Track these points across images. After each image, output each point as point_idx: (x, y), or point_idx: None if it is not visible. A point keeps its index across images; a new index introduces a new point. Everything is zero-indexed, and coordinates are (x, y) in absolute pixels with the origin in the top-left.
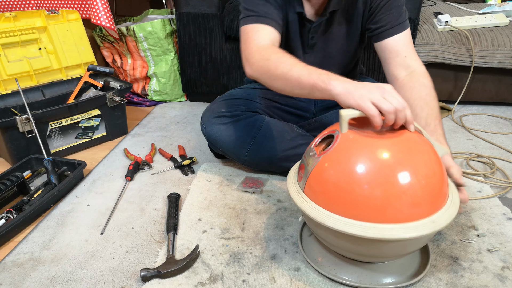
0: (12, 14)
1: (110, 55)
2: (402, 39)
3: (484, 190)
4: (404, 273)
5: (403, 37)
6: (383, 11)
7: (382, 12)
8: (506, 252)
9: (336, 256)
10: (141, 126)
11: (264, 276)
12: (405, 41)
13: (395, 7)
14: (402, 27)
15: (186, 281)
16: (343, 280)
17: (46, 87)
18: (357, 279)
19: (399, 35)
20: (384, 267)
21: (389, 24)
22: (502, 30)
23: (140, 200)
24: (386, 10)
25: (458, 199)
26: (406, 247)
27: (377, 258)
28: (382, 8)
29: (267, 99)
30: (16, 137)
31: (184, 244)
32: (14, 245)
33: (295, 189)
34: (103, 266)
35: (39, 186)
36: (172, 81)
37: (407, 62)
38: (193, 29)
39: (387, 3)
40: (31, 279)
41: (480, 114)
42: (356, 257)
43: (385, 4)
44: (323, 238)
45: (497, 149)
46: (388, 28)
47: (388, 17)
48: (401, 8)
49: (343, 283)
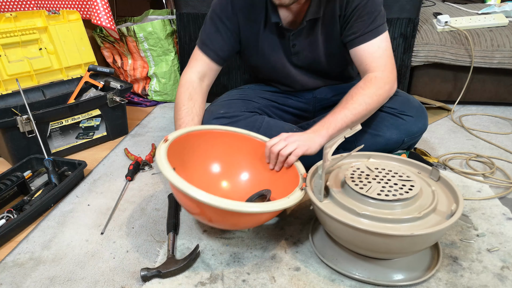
0: (13, 14)
1: (110, 55)
2: (374, 47)
3: (484, 190)
4: (414, 270)
5: (374, 45)
6: (355, 17)
7: (355, 19)
8: (506, 252)
9: (346, 252)
10: (141, 126)
11: (264, 276)
12: (377, 48)
13: (367, 14)
14: (374, 34)
15: (186, 281)
16: (353, 275)
17: (47, 87)
18: (367, 274)
19: (368, 43)
20: (394, 264)
21: (360, 31)
22: (502, 31)
23: (140, 200)
24: (358, 17)
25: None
26: (413, 244)
27: (385, 254)
28: (355, 15)
29: (265, 99)
30: (17, 137)
31: (185, 243)
32: (14, 245)
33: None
34: (104, 266)
35: (40, 186)
36: (172, 81)
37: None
38: (193, 29)
39: (359, 10)
40: (31, 279)
41: (479, 114)
42: (365, 252)
43: (357, 11)
44: (332, 232)
45: (497, 149)
46: (358, 35)
47: (360, 24)
48: (373, 14)
49: (353, 277)
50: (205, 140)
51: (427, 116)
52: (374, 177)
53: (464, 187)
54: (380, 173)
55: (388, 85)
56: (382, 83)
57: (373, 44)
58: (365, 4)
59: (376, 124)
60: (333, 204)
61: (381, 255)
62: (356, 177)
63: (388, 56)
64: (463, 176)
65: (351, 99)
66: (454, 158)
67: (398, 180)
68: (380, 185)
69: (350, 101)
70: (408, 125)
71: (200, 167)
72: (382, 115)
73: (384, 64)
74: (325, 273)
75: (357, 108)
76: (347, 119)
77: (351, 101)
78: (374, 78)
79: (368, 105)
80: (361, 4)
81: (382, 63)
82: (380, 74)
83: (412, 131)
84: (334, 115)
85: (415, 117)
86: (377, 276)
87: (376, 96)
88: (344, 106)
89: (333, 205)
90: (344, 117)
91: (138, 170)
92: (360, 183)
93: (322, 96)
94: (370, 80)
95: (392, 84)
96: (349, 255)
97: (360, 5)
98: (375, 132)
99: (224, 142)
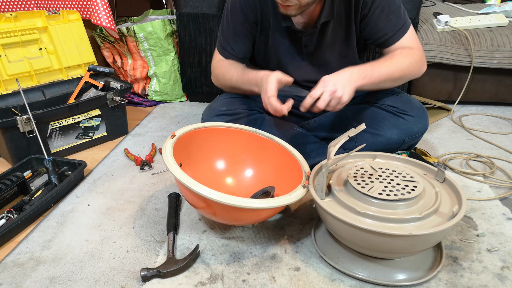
0: (13, 14)
1: (110, 55)
2: (407, 40)
3: (484, 190)
4: (415, 270)
5: (407, 38)
6: (381, 19)
7: (381, 21)
8: (506, 252)
9: (348, 250)
10: (141, 126)
11: (264, 276)
12: (409, 40)
13: (392, 13)
14: (404, 30)
15: (186, 281)
16: (354, 274)
17: (47, 87)
18: (367, 274)
19: (402, 38)
20: (395, 264)
21: (391, 32)
22: (502, 30)
23: (140, 200)
24: (384, 18)
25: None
26: (416, 243)
27: (385, 253)
28: (379, 17)
29: None
30: (17, 137)
31: (185, 243)
32: (14, 245)
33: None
34: (104, 266)
35: (40, 186)
36: (172, 81)
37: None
38: (193, 29)
39: (382, 11)
40: (31, 279)
41: (479, 114)
42: (365, 252)
43: (380, 12)
44: (333, 230)
45: (497, 149)
46: (390, 35)
47: (388, 25)
48: (398, 12)
49: (353, 276)
50: (211, 137)
51: (427, 117)
52: (377, 177)
53: (464, 187)
54: (384, 173)
55: (422, 62)
56: (418, 58)
57: (408, 35)
58: (386, 3)
59: (376, 123)
60: (334, 203)
61: (382, 254)
62: (359, 176)
63: (418, 41)
64: (463, 176)
65: (390, 60)
66: (454, 158)
67: (401, 180)
68: (383, 185)
69: (389, 60)
70: (409, 125)
71: (206, 163)
72: (383, 114)
73: (418, 46)
74: (325, 273)
75: (394, 69)
76: (381, 76)
77: (390, 61)
78: (414, 50)
79: (402, 71)
80: (382, 4)
81: (417, 45)
82: (417, 51)
83: (412, 131)
84: (373, 67)
85: (416, 117)
86: (377, 276)
87: (411, 65)
88: (383, 63)
89: (334, 203)
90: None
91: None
92: (362, 182)
93: None
94: (409, 51)
95: (424, 62)
96: (350, 254)
97: (381, 5)
98: (375, 131)
99: (230, 139)
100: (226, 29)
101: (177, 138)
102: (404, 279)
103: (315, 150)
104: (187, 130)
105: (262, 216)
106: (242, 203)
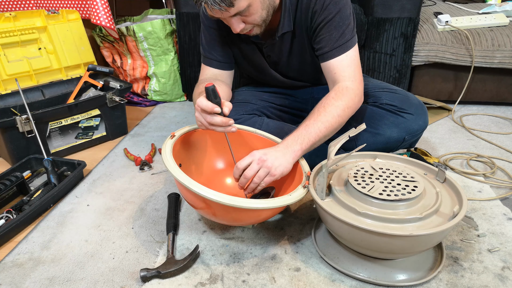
0: (12, 14)
1: (110, 55)
2: (344, 62)
3: (485, 190)
4: (416, 271)
5: (345, 61)
6: (324, 31)
7: (323, 33)
8: (507, 252)
9: (348, 251)
10: (141, 126)
11: (264, 276)
12: (348, 63)
13: (335, 28)
14: (343, 49)
15: (186, 281)
16: (354, 274)
17: (46, 87)
18: (368, 274)
19: (337, 58)
20: (396, 264)
21: (328, 46)
22: (502, 30)
23: (140, 200)
24: (326, 31)
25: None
26: (415, 244)
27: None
28: (323, 29)
29: (263, 100)
30: (16, 137)
31: (184, 244)
32: (14, 245)
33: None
34: (103, 266)
35: (39, 186)
36: (172, 81)
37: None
38: (193, 29)
39: (327, 24)
40: (31, 279)
41: (480, 114)
42: (365, 252)
43: (325, 24)
44: (333, 230)
45: (497, 149)
46: (327, 50)
47: (328, 39)
48: (341, 28)
49: (353, 276)
50: (211, 137)
51: (427, 113)
52: (377, 177)
53: (465, 187)
54: (384, 173)
55: (358, 97)
56: (353, 95)
57: (342, 59)
58: (333, 17)
59: (376, 122)
60: (334, 203)
61: (382, 255)
62: (360, 177)
63: (357, 67)
64: (463, 176)
65: (324, 111)
66: (454, 158)
67: (401, 180)
68: (383, 185)
69: (323, 112)
70: (408, 123)
71: (205, 163)
72: (382, 113)
73: (353, 75)
74: (325, 273)
75: (330, 121)
76: (320, 133)
77: (324, 113)
78: (346, 89)
79: (340, 118)
80: (328, 17)
81: (351, 73)
82: (350, 84)
83: (412, 129)
84: (307, 128)
85: (415, 115)
86: (378, 276)
87: (347, 108)
88: (317, 118)
89: (334, 203)
90: (318, 130)
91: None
92: (363, 182)
93: (320, 96)
94: (341, 90)
95: (360, 96)
96: (350, 255)
97: (327, 18)
98: (375, 130)
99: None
100: (203, 38)
101: (177, 138)
102: (404, 279)
103: (315, 150)
104: (187, 130)
105: (262, 216)
106: (242, 203)
